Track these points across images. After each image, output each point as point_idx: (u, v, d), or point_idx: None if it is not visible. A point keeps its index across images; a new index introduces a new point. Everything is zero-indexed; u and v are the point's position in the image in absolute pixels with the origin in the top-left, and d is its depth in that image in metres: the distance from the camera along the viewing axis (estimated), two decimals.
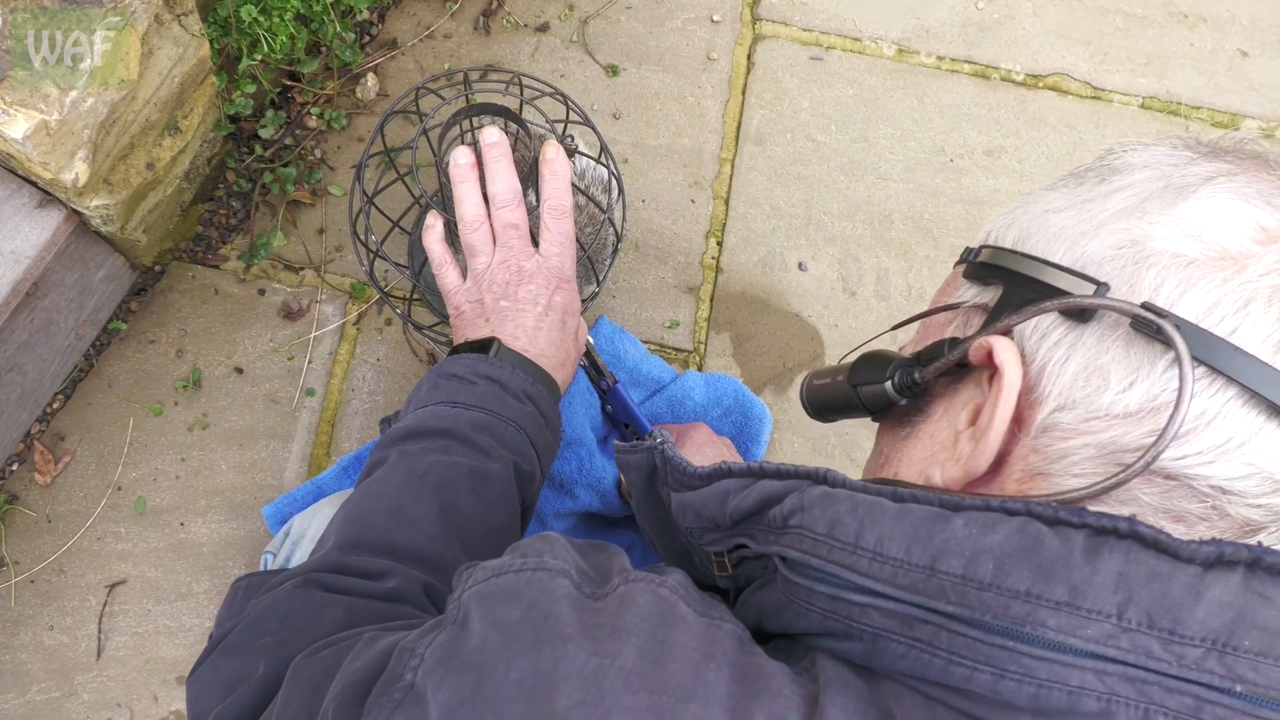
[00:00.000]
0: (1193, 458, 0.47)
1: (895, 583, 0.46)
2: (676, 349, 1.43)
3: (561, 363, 1.05)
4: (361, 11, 1.43)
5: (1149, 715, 0.42)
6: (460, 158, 1.02)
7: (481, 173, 1.03)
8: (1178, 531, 0.48)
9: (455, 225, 1.03)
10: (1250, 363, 0.46)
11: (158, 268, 1.37)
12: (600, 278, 1.21)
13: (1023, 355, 0.53)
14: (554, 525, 1.21)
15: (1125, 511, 0.48)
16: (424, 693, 0.47)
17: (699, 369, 1.43)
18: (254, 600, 0.81)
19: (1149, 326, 0.48)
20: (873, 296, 1.47)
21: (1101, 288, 0.51)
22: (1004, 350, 0.53)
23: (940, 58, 1.59)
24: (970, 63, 1.59)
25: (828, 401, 0.72)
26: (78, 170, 1.01)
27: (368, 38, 1.48)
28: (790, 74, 1.56)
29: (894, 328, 0.74)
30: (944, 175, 1.54)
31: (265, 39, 1.23)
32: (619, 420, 1.27)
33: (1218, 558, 0.43)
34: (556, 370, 1.04)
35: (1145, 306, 0.48)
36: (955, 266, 0.66)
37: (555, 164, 1.04)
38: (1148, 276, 0.50)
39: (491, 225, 1.03)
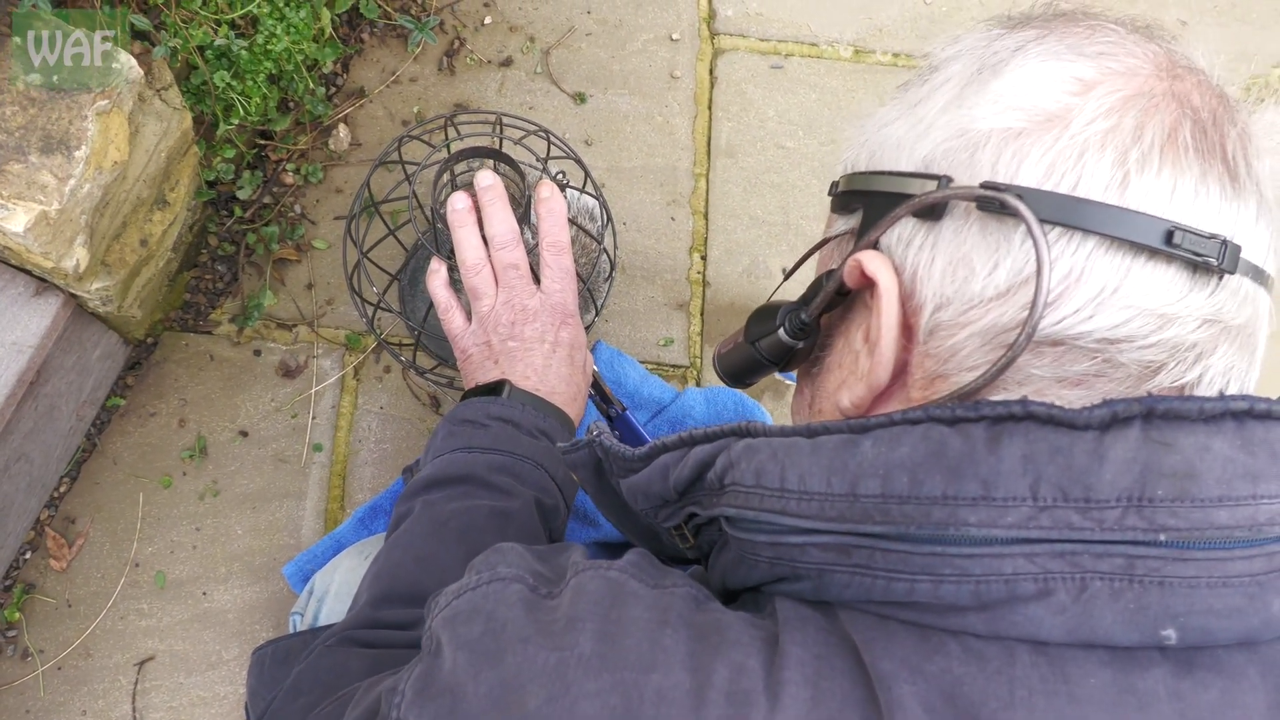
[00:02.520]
0: (1071, 318, 0.48)
1: (824, 516, 0.47)
2: (673, 366, 1.45)
3: (573, 397, 1.07)
4: (327, 64, 1.44)
5: (1085, 583, 0.43)
6: (457, 202, 1.04)
7: (479, 215, 1.04)
8: (1079, 397, 0.50)
9: (455, 269, 1.05)
10: (1099, 209, 0.48)
11: (150, 340, 1.36)
12: (598, 305, 1.23)
13: (895, 267, 0.54)
14: None
15: (1023, 392, 0.50)
16: None
17: (697, 383, 1.45)
18: (297, 666, 0.82)
19: (993, 204, 0.49)
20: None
21: (943, 180, 0.52)
22: (870, 261, 0.54)
23: (896, 55, 1.63)
24: (925, 57, 1.63)
25: (736, 365, 0.73)
26: (78, 256, 1.01)
27: (334, 89, 1.49)
28: (753, 84, 1.59)
29: (786, 276, 0.76)
30: None
31: (240, 103, 1.23)
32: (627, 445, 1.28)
33: (1112, 418, 0.44)
34: (569, 405, 1.05)
35: (984, 186, 0.49)
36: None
37: (551, 202, 1.06)
38: (983, 158, 0.51)
39: (493, 267, 1.05)
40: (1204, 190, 0.49)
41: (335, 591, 1.07)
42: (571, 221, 1.17)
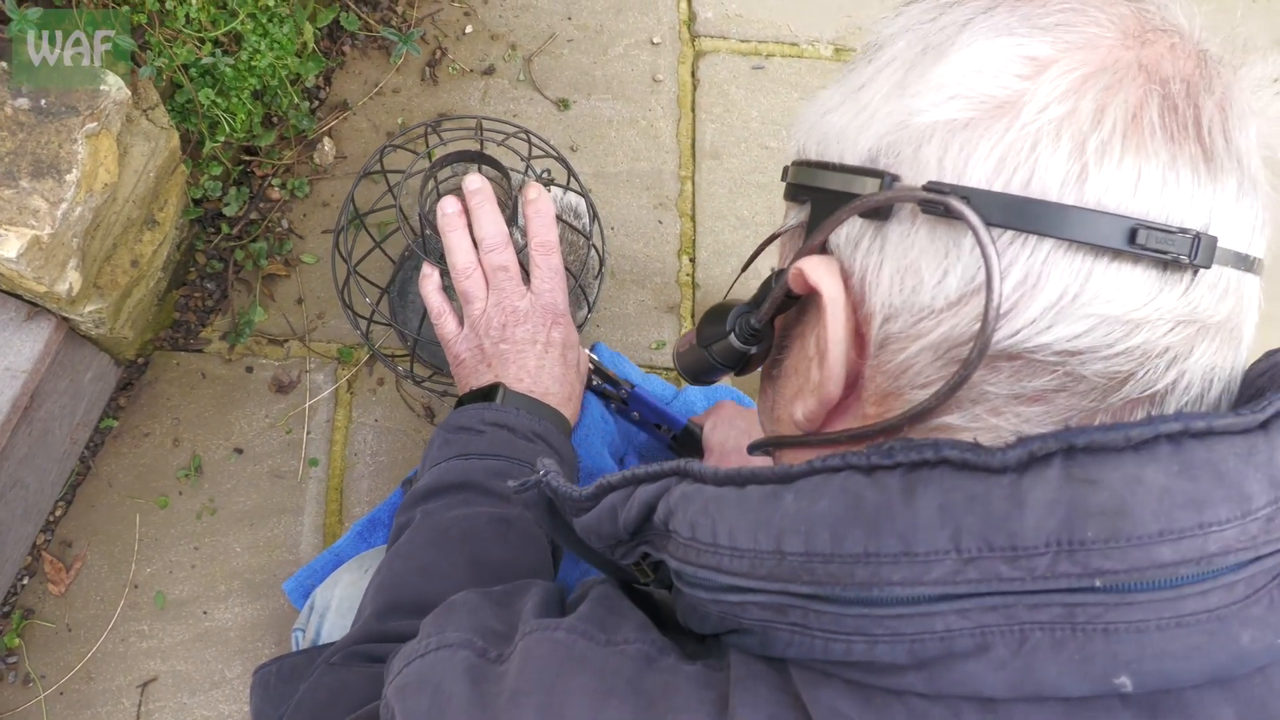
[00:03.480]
0: (1028, 329, 0.44)
1: (754, 574, 0.44)
2: (666, 369, 1.45)
3: (568, 397, 1.07)
4: (310, 78, 1.43)
5: (1025, 635, 0.40)
6: (447, 206, 1.04)
7: (468, 219, 1.05)
8: (1039, 414, 0.46)
9: (447, 273, 1.05)
10: (1054, 210, 0.43)
11: (141, 360, 1.36)
12: (590, 301, 1.23)
13: (843, 271, 0.50)
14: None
15: (978, 410, 0.46)
16: None
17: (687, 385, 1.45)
18: (305, 683, 0.82)
19: (937, 207, 0.44)
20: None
21: (888, 179, 0.47)
22: (813, 270, 0.50)
23: None
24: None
25: (693, 367, 0.70)
26: (70, 280, 1.00)
27: (318, 103, 1.48)
28: (735, 86, 1.59)
29: (743, 269, 0.72)
30: None
31: (225, 120, 1.23)
32: (649, 422, 1.27)
33: (1029, 457, 0.40)
34: (564, 405, 1.05)
35: (927, 187, 0.45)
36: None
37: (538, 203, 1.06)
38: (928, 153, 0.46)
39: (483, 270, 1.05)
40: (1173, 177, 0.44)
41: (337, 606, 1.07)
42: (558, 219, 1.17)
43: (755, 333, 0.59)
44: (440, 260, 1.08)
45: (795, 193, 0.55)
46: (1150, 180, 0.44)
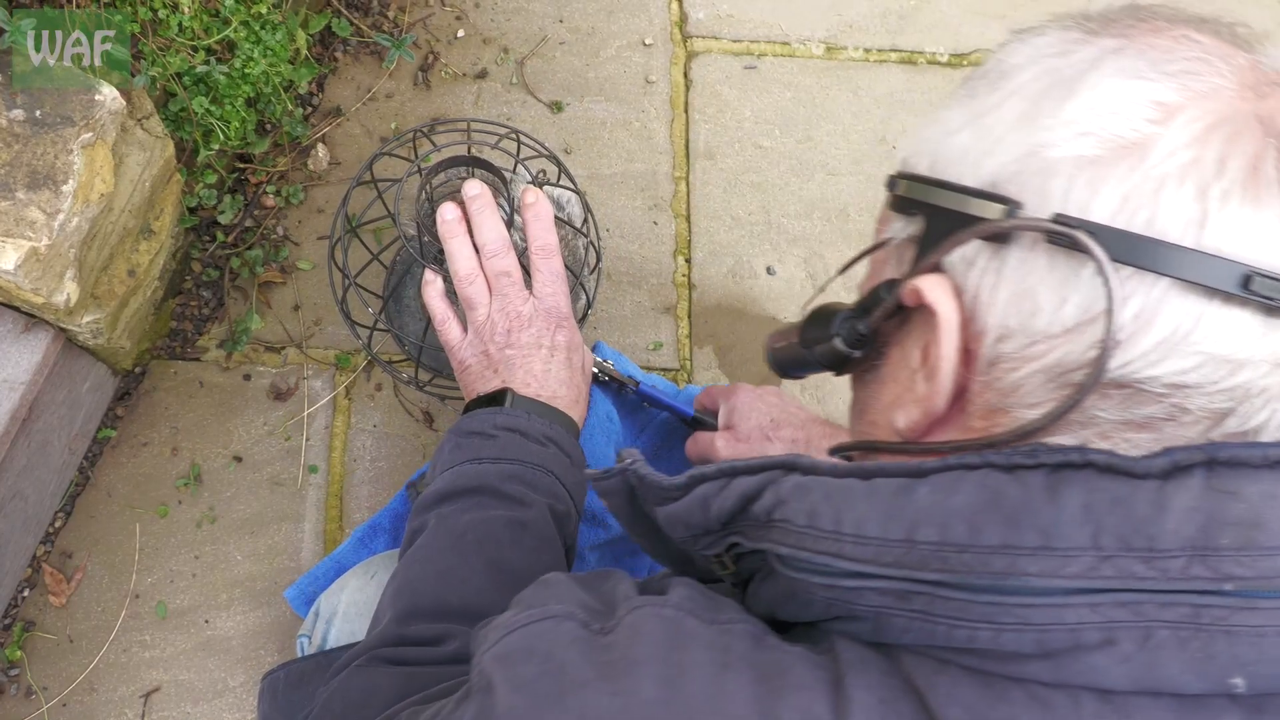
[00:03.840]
0: (1139, 361, 0.46)
1: (880, 561, 0.46)
2: (664, 369, 1.45)
3: (575, 400, 1.07)
4: (303, 84, 1.43)
5: (1150, 633, 0.42)
6: (447, 213, 1.03)
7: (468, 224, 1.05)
8: (1146, 440, 0.48)
9: (447, 278, 1.05)
10: (1174, 251, 0.45)
11: (138, 370, 1.35)
12: (590, 296, 1.23)
13: (956, 288, 0.52)
14: (589, 558, 1.23)
15: (1086, 433, 0.48)
16: None
17: (688, 383, 1.45)
18: (320, 688, 0.82)
19: (1064, 239, 0.47)
20: (842, 291, 1.51)
21: (1012, 206, 0.49)
22: (931, 290, 0.52)
23: (868, 50, 1.64)
24: (896, 51, 1.65)
25: (787, 362, 0.72)
26: (68, 291, 1.00)
27: (311, 109, 1.48)
28: (728, 86, 1.60)
29: (840, 272, 0.74)
30: (889, 163, 1.58)
31: (219, 128, 1.22)
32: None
33: (1173, 466, 0.43)
34: (572, 409, 1.05)
35: (1056, 219, 0.47)
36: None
37: (536, 207, 1.05)
38: (1054, 186, 0.48)
39: (485, 275, 1.05)
40: None
41: (343, 612, 1.07)
42: (563, 220, 1.17)
43: (860, 338, 0.61)
44: (435, 264, 1.08)
45: (906, 205, 0.57)
46: (1265, 230, 0.46)
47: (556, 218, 1.16)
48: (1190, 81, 0.48)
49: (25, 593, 1.27)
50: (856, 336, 0.61)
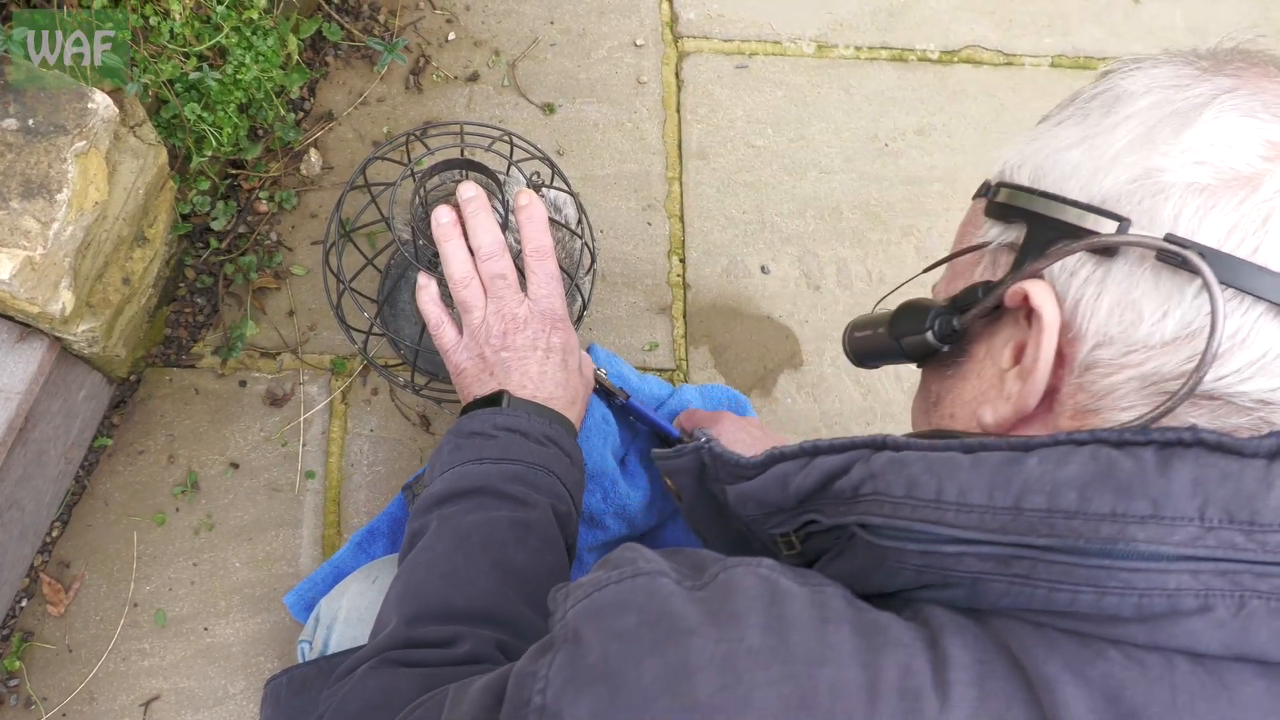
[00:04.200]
0: (1231, 376, 0.50)
1: (984, 528, 0.49)
2: (660, 369, 1.45)
3: (572, 401, 1.07)
4: (294, 90, 1.43)
5: (1244, 601, 0.45)
6: (442, 217, 1.03)
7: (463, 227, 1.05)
8: None
9: (441, 282, 1.05)
10: (1275, 279, 0.49)
11: (133, 378, 1.35)
12: (585, 297, 1.23)
13: (1055, 294, 0.56)
14: (587, 559, 1.23)
15: (1137, 426, 0.51)
16: (559, 711, 0.49)
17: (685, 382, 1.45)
18: (327, 692, 0.81)
19: (1174, 258, 0.50)
20: (836, 288, 1.52)
21: (1124, 224, 0.53)
22: (1039, 294, 0.55)
23: (858, 48, 1.64)
24: (887, 48, 1.65)
25: (870, 351, 0.74)
26: (63, 300, 1.00)
27: (303, 114, 1.48)
28: (720, 85, 1.60)
29: (925, 270, 0.77)
30: (881, 160, 1.59)
31: (211, 134, 1.22)
32: (641, 430, 1.29)
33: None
34: (568, 409, 1.05)
35: (1168, 239, 0.50)
36: (974, 200, 0.68)
37: (530, 209, 1.05)
38: (1166, 208, 0.52)
39: (480, 278, 1.04)
40: None
41: (344, 617, 1.06)
42: (558, 222, 1.17)
43: (953, 333, 0.64)
44: (430, 267, 1.08)
45: (1006, 212, 0.61)
46: None
47: (551, 220, 1.16)
48: None
49: (23, 603, 1.26)
50: (949, 331, 0.64)
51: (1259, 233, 0.49)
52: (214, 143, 1.23)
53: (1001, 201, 0.62)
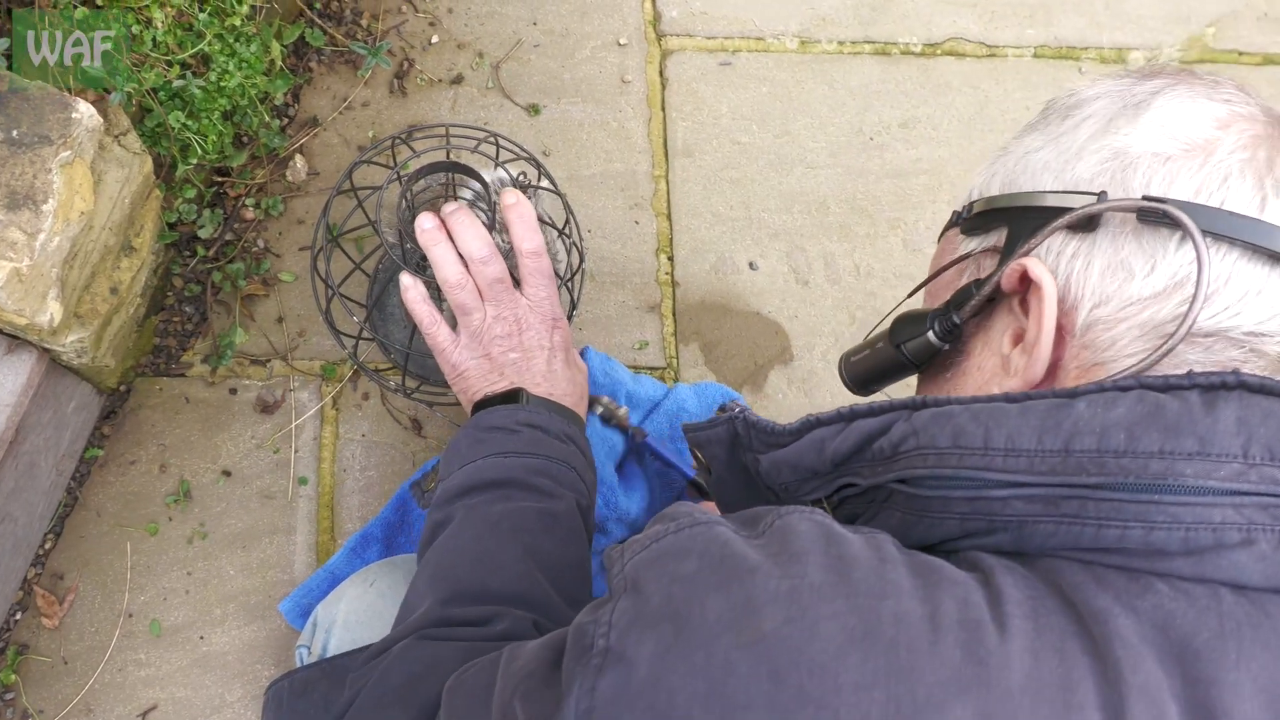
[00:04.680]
0: (1222, 314, 0.55)
1: (1034, 470, 0.51)
2: (650, 368, 1.45)
3: (580, 398, 1.08)
4: (278, 96, 1.43)
5: None
6: (425, 222, 1.03)
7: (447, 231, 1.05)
8: None
9: (430, 282, 1.05)
10: (1245, 222, 0.55)
11: (123, 388, 1.35)
12: (575, 297, 1.23)
13: (1050, 270, 0.60)
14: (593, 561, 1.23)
15: (1181, 373, 0.54)
16: (624, 651, 0.49)
17: (675, 381, 1.46)
18: (356, 674, 0.81)
19: (1154, 215, 0.56)
20: (825, 282, 1.52)
21: (1101, 196, 0.58)
22: (1036, 266, 0.60)
23: (841, 42, 1.65)
24: (869, 42, 1.65)
25: (871, 371, 0.77)
26: (51, 311, 0.99)
27: (287, 120, 1.48)
28: (704, 83, 1.60)
29: (910, 294, 0.80)
30: (867, 154, 1.59)
31: (196, 142, 1.22)
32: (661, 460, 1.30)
33: None
34: (577, 406, 1.07)
35: (1145, 199, 0.56)
36: (944, 233, 0.73)
37: (519, 208, 1.05)
38: (1136, 178, 0.58)
39: (475, 282, 1.04)
40: None
41: (343, 621, 1.06)
42: (547, 222, 1.17)
43: (952, 329, 0.67)
44: (418, 270, 1.07)
45: (984, 222, 0.66)
46: None
47: (543, 220, 1.16)
48: (1235, 107, 0.60)
49: (17, 616, 1.26)
50: (949, 328, 0.67)
51: (1221, 189, 0.56)
52: (199, 150, 1.23)
53: (978, 213, 0.67)
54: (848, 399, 0.71)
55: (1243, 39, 1.72)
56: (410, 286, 1.07)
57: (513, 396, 1.01)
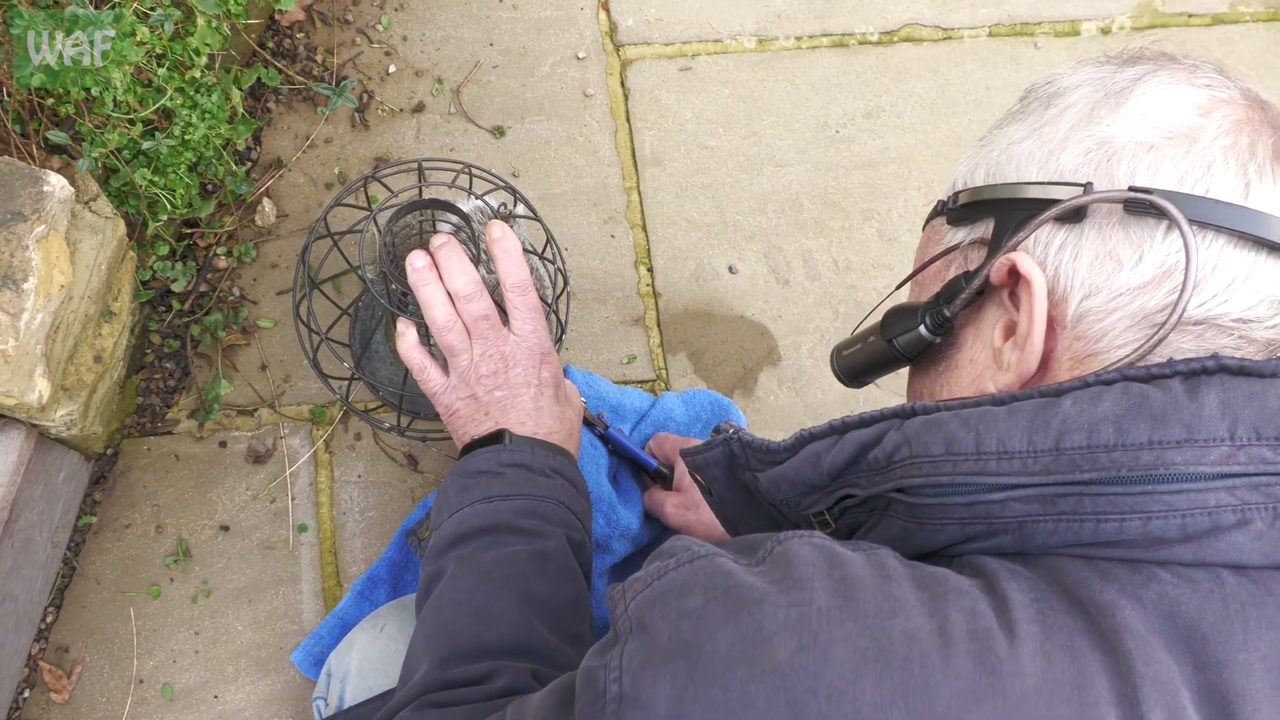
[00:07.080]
0: (1210, 301, 0.56)
1: (1027, 471, 0.51)
2: (640, 381, 1.45)
3: (569, 434, 1.07)
4: (241, 141, 1.41)
5: (1279, 512, 0.49)
6: (416, 261, 1.02)
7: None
8: None
9: (417, 324, 1.04)
10: (1230, 209, 0.55)
11: (110, 451, 1.32)
12: (563, 323, 1.22)
13: (1038, 263, 0.60)
14: (598, 584, 1.23)
15: (1162, 361, 0.55)
16: (639, 695, 0.49)
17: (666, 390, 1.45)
18: None
19: (1140, 205, 0.56)
20: (805, 280, 1.53)
21: (1087, 187, 0.58)
22: (1025, 261, 0.60)
23: (799, 38, 1.65)
24: (826, 35, 1.66)
25: (863, 364, 0.77)
26: (39, 388, 0.98)
27: (250, 164, 1.46)
28: (666, 90, 1.59)
29: (898, 286, 0.80)
30: (834, 148, 1.60)
31: (164, 198, 1.20)
32: (624, 457, 1.30)
33: None
34: (567, 442, 1.05)
35: (1131, 189, 0.56)
36: (930, 222, 0.74)
37: (504, 242, 1.04)
38: (1121, 169, 0.58)
39: (463, 320, 1.04)
40: None
41: (357, 669, 1.06)
42: (533, 252, 1.16)
43: (944, 323, 0.67)
44: (400, 308, 1.06)
45: (970, 213, 0.66)
46: None
47: (527, 251, 1.15)
48: (1214, 92, 0.60)
49: (25, 694, 1.24)
50: (940, 320, 0.67)
51: (1206, 177, 0.56)
52: (168, 206, 1.21)
53: (964, 204, 0.67)
54: (839, 394, 0.73)
55: (1191, 2, 1.74)
56: (403, 334, 1.06)
57: (497, 438, 1.00)
